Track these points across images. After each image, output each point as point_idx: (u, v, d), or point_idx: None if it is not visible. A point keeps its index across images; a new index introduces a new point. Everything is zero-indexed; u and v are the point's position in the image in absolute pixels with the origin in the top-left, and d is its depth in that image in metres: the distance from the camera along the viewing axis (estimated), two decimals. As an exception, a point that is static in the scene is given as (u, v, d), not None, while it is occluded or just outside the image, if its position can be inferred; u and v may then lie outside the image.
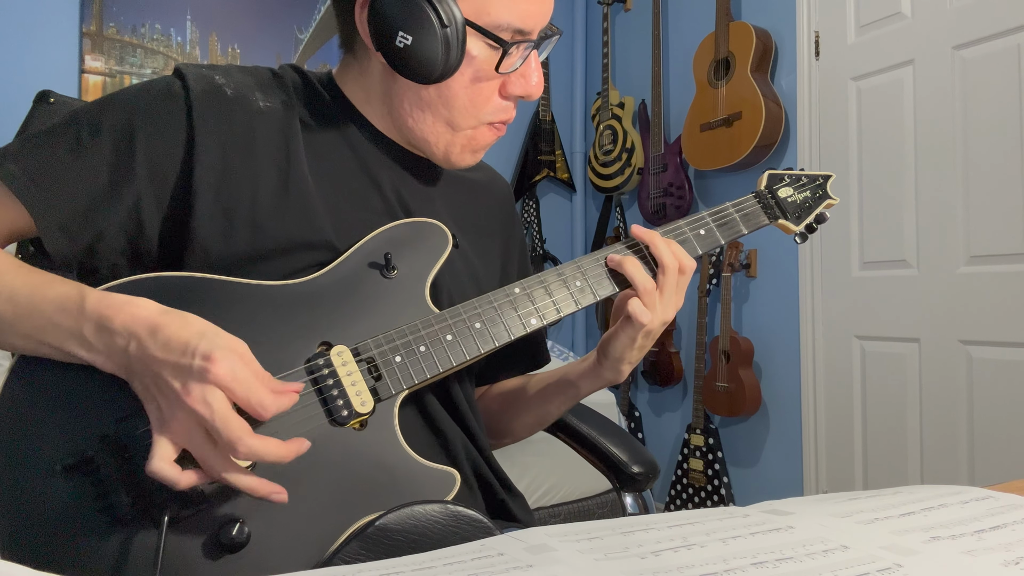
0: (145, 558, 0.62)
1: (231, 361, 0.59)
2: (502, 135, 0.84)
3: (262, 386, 0.61)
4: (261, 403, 0.60)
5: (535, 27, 0.77)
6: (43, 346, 0.65)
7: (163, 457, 0.59)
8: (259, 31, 3.05)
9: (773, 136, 2.59)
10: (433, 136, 0.81)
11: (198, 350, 0.59)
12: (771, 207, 0.90)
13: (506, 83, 0.80)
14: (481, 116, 0.80)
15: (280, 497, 0.62)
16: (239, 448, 0.59)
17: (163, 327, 0.61)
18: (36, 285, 0.66)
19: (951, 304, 2.14)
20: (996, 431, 2.02)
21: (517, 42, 0.76)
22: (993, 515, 0.43)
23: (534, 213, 3.49)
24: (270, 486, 0.62)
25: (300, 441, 0.62)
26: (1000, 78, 2.03)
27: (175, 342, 0.60)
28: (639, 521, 0.42)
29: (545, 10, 0.78)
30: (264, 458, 0.60)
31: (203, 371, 0.59)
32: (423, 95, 0.79)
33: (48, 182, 0.71)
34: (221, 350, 0.59)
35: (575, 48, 3.68)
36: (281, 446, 0.61)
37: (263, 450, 0.59)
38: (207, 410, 0.58)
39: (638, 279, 0.80)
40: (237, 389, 0.59)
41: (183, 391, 0.59)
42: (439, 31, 0.72)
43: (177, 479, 0.60)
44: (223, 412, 0.58)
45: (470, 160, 0.85)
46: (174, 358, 0.60)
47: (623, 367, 0.84)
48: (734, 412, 2.67)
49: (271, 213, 0.75)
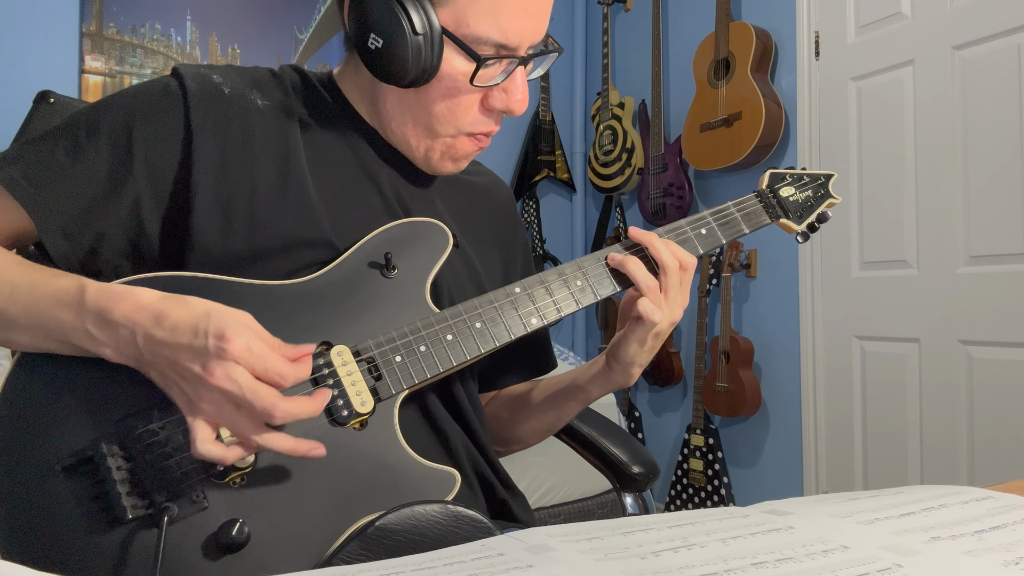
0: (145, 558, 0.62)
1: (245, 336, 0.60)
2: (485, 146, 0.83)
3: (277, 356, 0.62)
4: (279, 372, 0.61)
5: (521, 43, 0.76)
6: (49, 341, 0.65)
7: (205, 439, 0.61)
8: (259, 31, 3.05)
9: (773, 136, 2.59)
10: (414, 140, 0.81)
11: (209, 330, 0.60)
12: (773, 206, 0.89)
13: (488, 96, 0.79)
14: (460, 126, 0.80)
15: (319, 452, 0.63)
16: (276, 413, 0.60)
17: (167, 313, 0.62)
18: (36, 280, 0.66)
19: (951, 304, 2.14)
20: (996, 431, 2.02)
21: (499, 57, 0.75)
22: (993, 515, 0.43)
23: (534, 213, 3.49)
24: (307, 444, 0.63)
25: (324, 392, 0.65)
26: (1000, 78, 2.03)
27: (183, 326, 0.61)
28: (639, 521, 0.42)
29: (534, 26, 0.76)
30: (299, 416, 0.62)
31: (220, 350, 0.59)
32: (404, 98, 0.79)
33: (48, 185, 0.71)
34: (232, 326, 0.60)
35: (575, 48, 3.68)
36: (311, 401, 0.63)
37: (297, 410, 0.61)
38: (235, 386, 0.59)
39: (641, 277, 0.80)
40: (255, 363, 0.60)
41: (205, 372, 0.60)
42: (411, 38, 0.72)
43: (224, 455, 0.61)
44: (251, 385, 0.60)
45: (451, 168, 0.84)
46: (186, 341, 0.60)
47: (634, 370, 0.84)
48: (734, 412, 2.67)
49: (270, 210, 0.75)
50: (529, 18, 0.75)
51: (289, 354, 0.63)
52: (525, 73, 0.79)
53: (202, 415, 0.61)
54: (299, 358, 0.63)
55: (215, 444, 0.61)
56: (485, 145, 0.83)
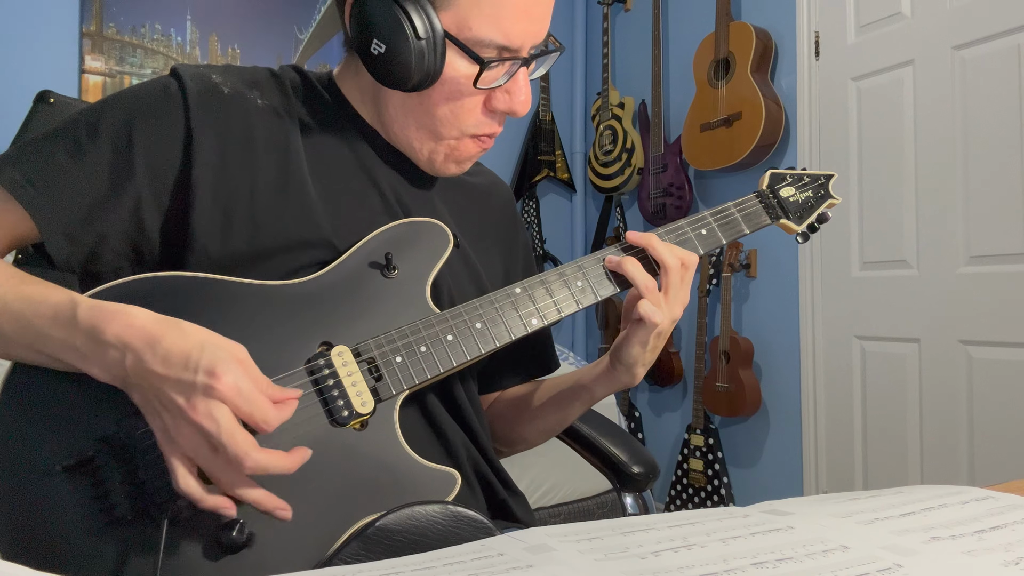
0: (145, 559, 0.62)
1: (235, 374, 0.59)
2: (488, 148, 0.83)
3: (265, 400, 0.60)
4: (264, 418, 0.60)
5: (522, 44, 0.76)
6: (41, 356, 0.64)
7: (184, 475, 0.60)
8: (259, 31, 3.05)
9: (773, 136, 2.59)
10: (417, 142, 0.81)
11: (200, 364, 0.59)
12: (773, 207, 0.89)
13: (491, 98, 0.79)
14: (463, 128, 0.80)
15: (284, 514, 0.62)
16: (246, 463, 0.59)
17: (160, 339, 0.60)
18: (28, 296, 0.65)
19: (951, 304, 2.14)
20: (996, 431, 2.02)
21: (502, 59, 0.75)
22: (993, 515, 0.43)
23: (534, 213, 3.49)
24: (276, 501, 0.62)
25: (302, 451, 0.63)
26: (1000, 78, 2.03)
27: (175, 355, 0.59)
28: (639, 521, 0.42)
29: (535, 28, 0.76)
30: (270, 471, 0.60)
31: (208, 388, 0.58)
32: (407, 101, 0.79)
33: (49, 187, 0.71)
34: (223, 363, 0.59)
35: (575, 48, 3.68)
36: (285, 458, 0.61)
37: (269, 463, 0.60)
38: (213, 425, 0.58)
39: (639, 278, 0.80)
40: (241, 404, 0.59)
41: (188, 407, 0.59)
42: (413, 43, 0.72)
43: (202, 499, 0.60)
44: (229, 427, 0.58)
45: (454, 170, 0.84)
46: (175, 373, 0.59)
47: (638, 370, 0.84)
48: (734, 412, 2.67)
49: (269, 210, 0.75)
50: (530, 20, 0.75)
51: (275, 396, 0.62)
52: (528, 74, 0.79)
53: (178, 449, 0.60)
54: (284, 401, 0.62)
55: (196, 482, 0.60)
56: (488, 146, 0.83)
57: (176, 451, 0.60)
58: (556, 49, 0.81)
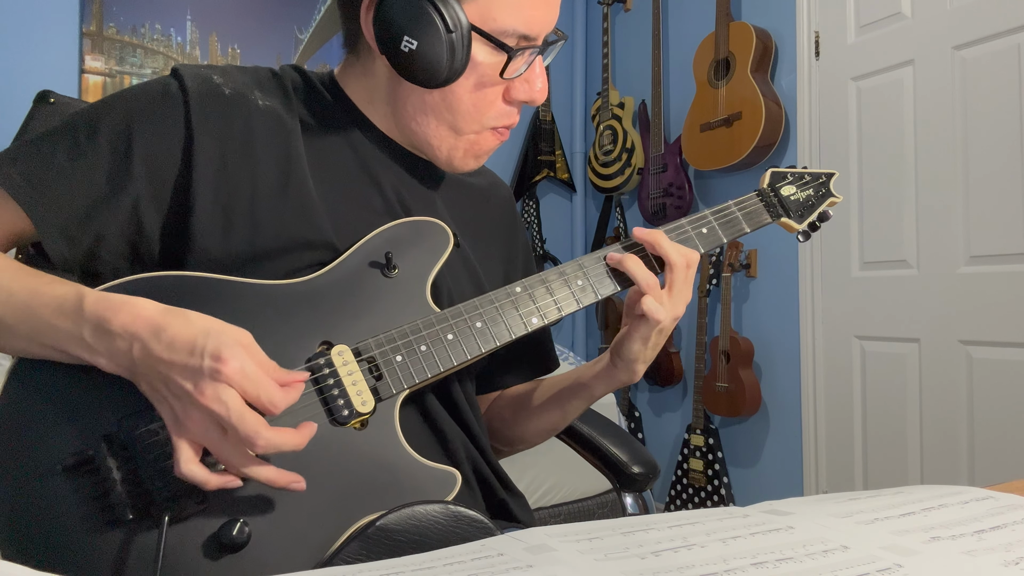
0: (145, 558, 0.62)
1: (241, 359, 0.60)
2: (505, 139, 0.85)
3: (271, 382, 0.61)
4: (271, 400, 0.61)
5: (540, 33, 0.78)
6: (45, 348, 0.65)
7: (189, 459, 0.60)
8: (259, 31, 3.05)
9: (773, 136, 2.59)
10: (436, 140, 0.82)
11: (206, 349, 0.59)
12: (774, 205, 0.89)
13: (510, 88, 0.80)
14: (484, 121, 0.80)
15: (299, 486, 0.63)
16: (258, 442, 0.59)
17: (166, 327, 0.61)
18: (34, 287, 0.66)
19: (951, 304, 2.14)
20: (996, 431, 2.02)
21: (522, 48, 0.77)
22: (993, 515, 0.43)
23: (534, 213, 3.49)
24: (289, 476, 0.63)
25: (310, 425, 0.63)
26: (1000, 78, 2.03)
27: (180, 342, 0.60)
28: (639, 521, 0.42)
29: (551, 16, 0.78)
30: (281, 448, 0.61)
31: (214, 371, 0.59)
32: (427, 99, 0.79)
33: (47, 186, 0.71)
34: (229, 347, 0.60)
35: (575, 48, 3.68)
36: (295, 434, 0.62)
37: (280, 441, 0.60)
38: (223, 408, 0.59)
39: (640, 275, 0.80)
40: (248, 387, 0.60)
41: (196, 391, 0.59)
42: (444, 36, 0.72)
43: (207, 479, 0.61)
44: (238, 409, 0.59)
45: (473, 164, 0.85)
46: (182, 359, 0.60)
47: (638, 367, 0.84)
48: (734, 412, 2.67)
49: (270, 211, 0.75)
50: (547, 7, 0.78)
51: (282, 379, 0.62)
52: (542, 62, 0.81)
53: (187, 434, 0.61)
54: (291, 384, 0.63)
55: (200, 466, 0.61)
56: (505, 139, 0.84)
57: (186, 437, 0.61)
58: (562, 38, 0.82)
